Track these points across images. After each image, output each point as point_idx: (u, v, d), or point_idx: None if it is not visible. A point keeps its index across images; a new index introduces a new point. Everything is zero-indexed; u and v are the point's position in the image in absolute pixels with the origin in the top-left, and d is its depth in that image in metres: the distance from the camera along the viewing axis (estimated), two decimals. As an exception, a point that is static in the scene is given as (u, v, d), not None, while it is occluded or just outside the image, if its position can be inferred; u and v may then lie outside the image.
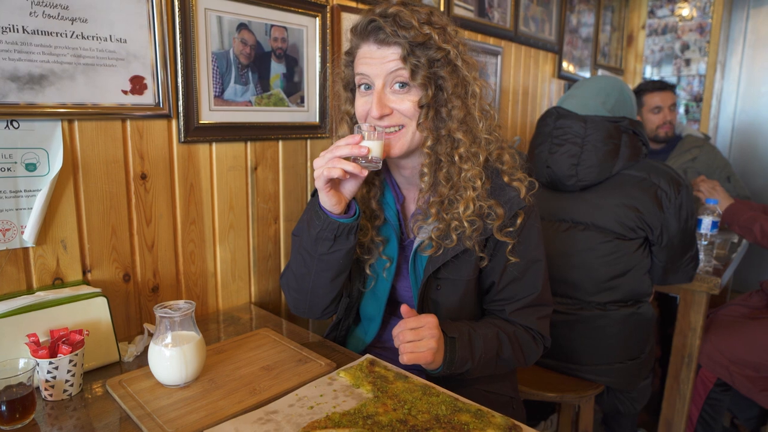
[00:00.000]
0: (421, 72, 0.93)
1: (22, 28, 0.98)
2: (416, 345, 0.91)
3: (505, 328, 1.06)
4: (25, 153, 1.02)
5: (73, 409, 0.89)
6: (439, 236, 1.01)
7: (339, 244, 0.99)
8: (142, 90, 1.16)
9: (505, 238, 1.01)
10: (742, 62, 3.54)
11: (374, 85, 0.96)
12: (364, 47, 0.97)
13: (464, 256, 1.03)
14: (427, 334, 0.92)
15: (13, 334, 0.93)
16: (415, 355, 0.91)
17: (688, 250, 1.56)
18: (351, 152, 0.89)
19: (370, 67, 0.96)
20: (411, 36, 0.92)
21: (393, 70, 0.94)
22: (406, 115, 0.97)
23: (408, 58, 0.93)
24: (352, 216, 0.99)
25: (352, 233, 0.99)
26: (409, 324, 0.93)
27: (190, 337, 0.94)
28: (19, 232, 1.03)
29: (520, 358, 1.06)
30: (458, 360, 0.96)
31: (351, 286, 1.15)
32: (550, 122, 1.57)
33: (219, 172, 1.34)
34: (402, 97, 0.96)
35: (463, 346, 0.97)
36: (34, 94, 1.01)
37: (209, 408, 0.87)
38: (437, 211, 1.01)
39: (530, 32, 2.60)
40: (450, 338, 0.97)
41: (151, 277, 1.25)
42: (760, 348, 1.71)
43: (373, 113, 0.95)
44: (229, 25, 1.31)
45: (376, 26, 0.94)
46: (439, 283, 1.05)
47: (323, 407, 0.85)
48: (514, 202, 1.01)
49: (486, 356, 1.00)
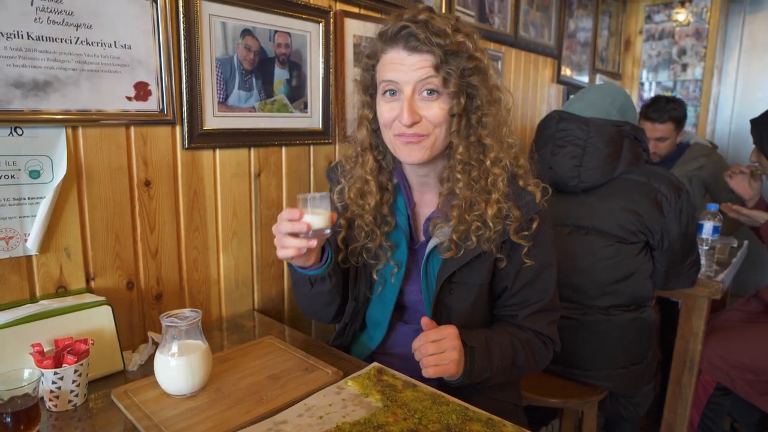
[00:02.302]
0: (453, 80, 0.92)
1: (26, 34, 0.97)
2: (440, 358, 0.90)
3: (518, 335, 1.05)
4: (29, 160, 1.01)
5: (78, 419, 0.88)
6: (459, 238, 1.00)
7: (318, 287, 1.05)
8: (146, 96, 1.16)
9: (521, 240, 1.01)
10: (738, 67, 3.57)
11: (403, 92, 0.95)
12: (392, 53, 0.95)
13: (479, 260, 1.03)
14: (449, 346, 0.91)
15: (17, 344, 0.91)
16: (440, 368, 0.90)
17: (689, 254, 1.57)
18: (292, 229, 0.89)
19: (399, 73, 0.94)
20: (445, 44, 0.91)
21: (424, 78, 0.93)
22: (433, 123, 0.96)
23: (441, 66, 0.91)
24: (322, 266, 1.01)
25: (327, 278, 1.04)
26: (430, 336, 0.92)
27: (196, 347, 0.94)
28: (23, 240, 1.02)
29: (533, 365, 1.06)
30: (478, 369, 0.96)
31: (357, 290, 1.15)
32: (552, 125, 1.58)
33: (223, 178, 1.34)
34: (431, 104, 0.95)
35: (481, 356, 0.97)
36: (39, 101, 1.00)
37: (217, 418, 0.86)
38: (459, 213, 1.00)
39: (530, 37, 2.61)
40: (470, 348, 0.96)
41: (154, 285, 1.24)
42: (759, 352, 1.72)
43: (404, 120, 0.94)
44: (233, 30, 1.30)
45: (409, 32, 0.92)
46: (453, 287, 1.05)
47: (333, 417, 0.85)
48: (531, 206, 1.02)
49: (503, 364, 1.00)
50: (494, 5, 2.32)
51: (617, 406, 1.64)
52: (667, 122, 2.40)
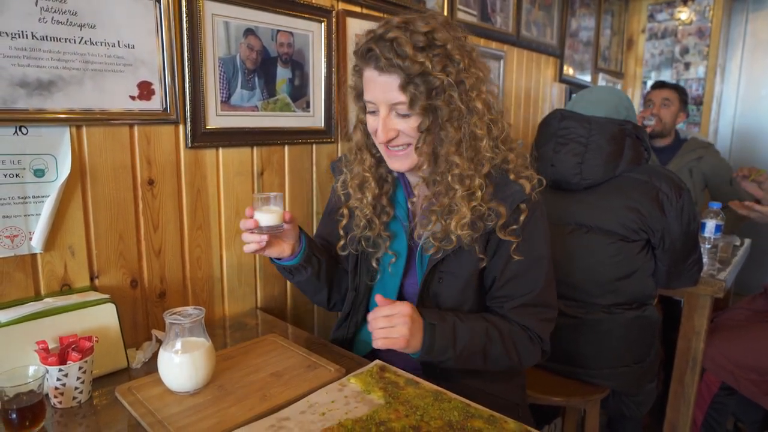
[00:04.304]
0: (419, 102, 0.94)
1: (31, 34, 0.98)
2: (389, 331, 0.95)
3: (501, 326, 1.05)
4: (34, 159, 1.02)
5: (83, 416, 0.89)
6: (438, 239, 1.04)
7: (298, 276, 1.14)
8: (149, 96, 1.16)
9: (509, 237, 1.02)
10: (741, 65, 3.56)
11: (379, 110, 0.99)
12: (367, 71, 0.99)
13: (466, 252, 1.04)
14: (399, 321, 0.95)
15: (22, 341, 0.92)
16: (388, 341, 0.95)
17: (691, 253, 1.56)
18: (243, 226, 1.00)
19: (374, 93, 0.98)
20: (405, 66, 0.92)
21: (394, 98, 0.96)
22: (410, 135, 1.00)
23: (407, 87, 0.93)
24: (294, 257, 1.09)
25: (303, 268, 1.12)
26: (382, 311, 0.97)
27: (199, 344, 0.94)
28: (28, 239, 1.03)
29: (515, 358, 1.05)
30: (438, 347, 0.98)
31: (357, 279, 1.18)
32: (554, 123, 1.58)
33: (226, 177, 1.34)
34: (404, 119, 0.98)
35: (443, 335, 0.99)
36: (43, 100, 1.01)
37: (220, 415, 0.86)
38: (437, 218, 1.03)
39: (532, 36, 2.61)
40: (429, 324, 0.98)
41: (158, 283, 1.24)
42: (764, 352, 1.71)
43: (380, 138, 1.00)
44: (236, 30, 1.31)
45: (372, 55, 0.95)
46: (441, 275, 1.07)
47: (335, 414, 0.85)
48: (516, 196, 1.02)
49: (471, 349, 1.01)
50: (496, 4, 2.32)
51: (620, 404, 1.64)
52: (672, 89, 2.53)
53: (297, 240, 1.09)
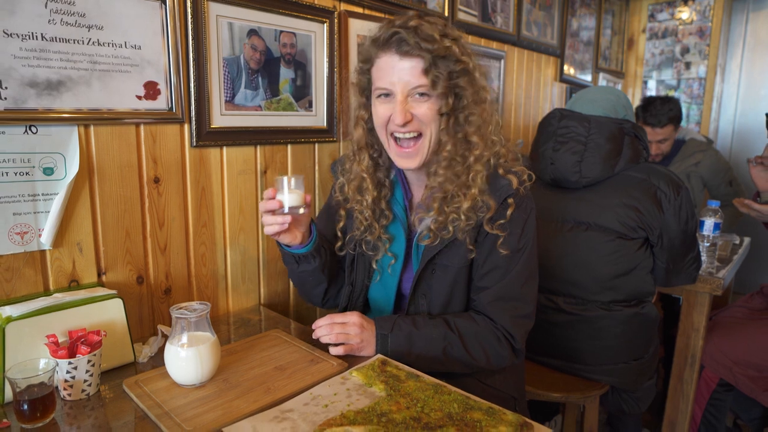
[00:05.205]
0: (442, 83, 0.98)
1: (41, 35, 1.00)
2: (347, 337, 1.05)
3: (463, 329, 1.06)
4: (43, 157, 1.04)
5: (91, 408, 0.91)
6: (437, 228, 1.06)
7: (304, 266, 1.15)
8: (155, 95, 1.19)
9: (496, 231, 1.04)
10: (741, 65, 3.57)
11: (396, 94, 1.01)
12: (385, 57, 1.01)
13: (458, 244, 1.07)
14: (351, 330, 1.05)
15: (32, 335, 0.94)
16: (347, 347, 1.04)
17: (690, 251, 1.58)
18: (266, 207, 1.01)
19: (392, 76, 1.00)
20: (433, 48, 0.96)
21: (415, 81, 0.99)
22: (424, 122, 1.02)
23: (430, 69, 0.97)
24: (307, 245, 1.11)
25: (311, 258, 1.13)
26: (336, 319, 1.04)
27: (205, 338, 0.96)
28: (37, 235, 1.05)
29: (481, 360, 1.07)
30: (392, 355, 1.04)
31: (354, 276, 1.20)
32: (554, 122, 1.60)
33: (230, 175, 1.37)
34: (421, 104, 1.01)
35: (397, 343, 1.05)
36: (52, 100, 1.03)
37: (225, 407, 0.88)
38: (439, 205, 1.05)
39: (533, 36, 2.62)
40: (381, 335, 1.05)
41: (163, 279, 1.26)
42: (761, 349, 1.73)
43: (397, 120, 1.01)
44: (240, 31, 1.33)
45: (400, 38, 0.98)
46: (435, 268, 1.10)
47: (337, 405, 0.87)
48: (504, 190, 1.05)
49: (428, 354, 1.05)
50: (497, 4, 2.34)
51: (619, 401, 1.65)
52: (667, 125, 2.42)
53: (308, 228, 1.11)
